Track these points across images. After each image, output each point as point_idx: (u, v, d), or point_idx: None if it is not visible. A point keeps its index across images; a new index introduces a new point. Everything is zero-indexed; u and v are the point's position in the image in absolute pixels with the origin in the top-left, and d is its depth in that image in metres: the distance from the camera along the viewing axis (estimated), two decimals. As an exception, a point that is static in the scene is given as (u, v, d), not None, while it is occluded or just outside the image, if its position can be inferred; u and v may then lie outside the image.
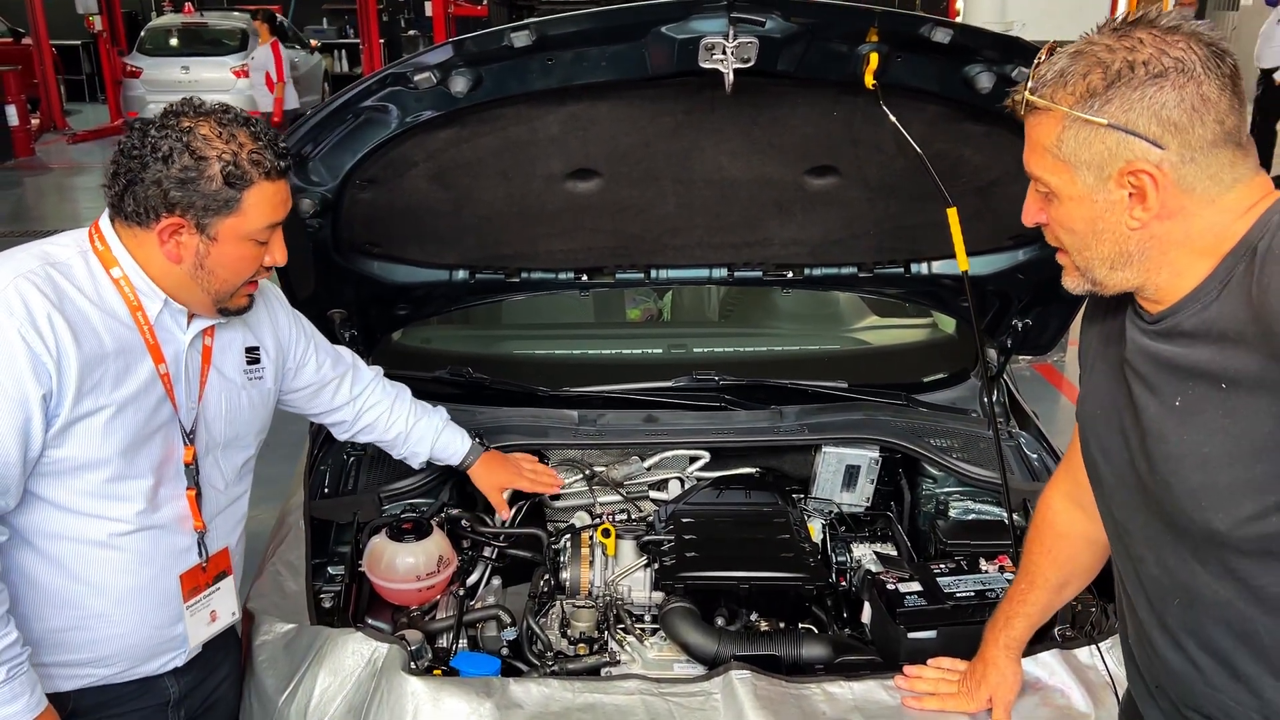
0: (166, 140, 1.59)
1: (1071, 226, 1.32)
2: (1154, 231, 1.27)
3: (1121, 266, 1.31)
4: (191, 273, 1.67)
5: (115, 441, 1.66)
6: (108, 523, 1.71)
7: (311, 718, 1.90)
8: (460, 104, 1.92)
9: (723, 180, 2.25)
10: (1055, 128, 1.27)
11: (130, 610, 1.77)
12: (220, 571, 1.90)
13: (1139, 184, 1.24)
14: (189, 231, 1.62)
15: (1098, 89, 1.22)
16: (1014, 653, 1.87)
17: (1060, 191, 1.30)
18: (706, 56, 1.80)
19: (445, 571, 2.26)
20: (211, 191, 1.59)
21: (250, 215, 1.64)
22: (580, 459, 2.68)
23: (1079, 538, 1.75)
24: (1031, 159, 1.33)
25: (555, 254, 2.49)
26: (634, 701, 1.88)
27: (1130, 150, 1.23)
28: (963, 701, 1.87)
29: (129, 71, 14.19)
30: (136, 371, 1.68)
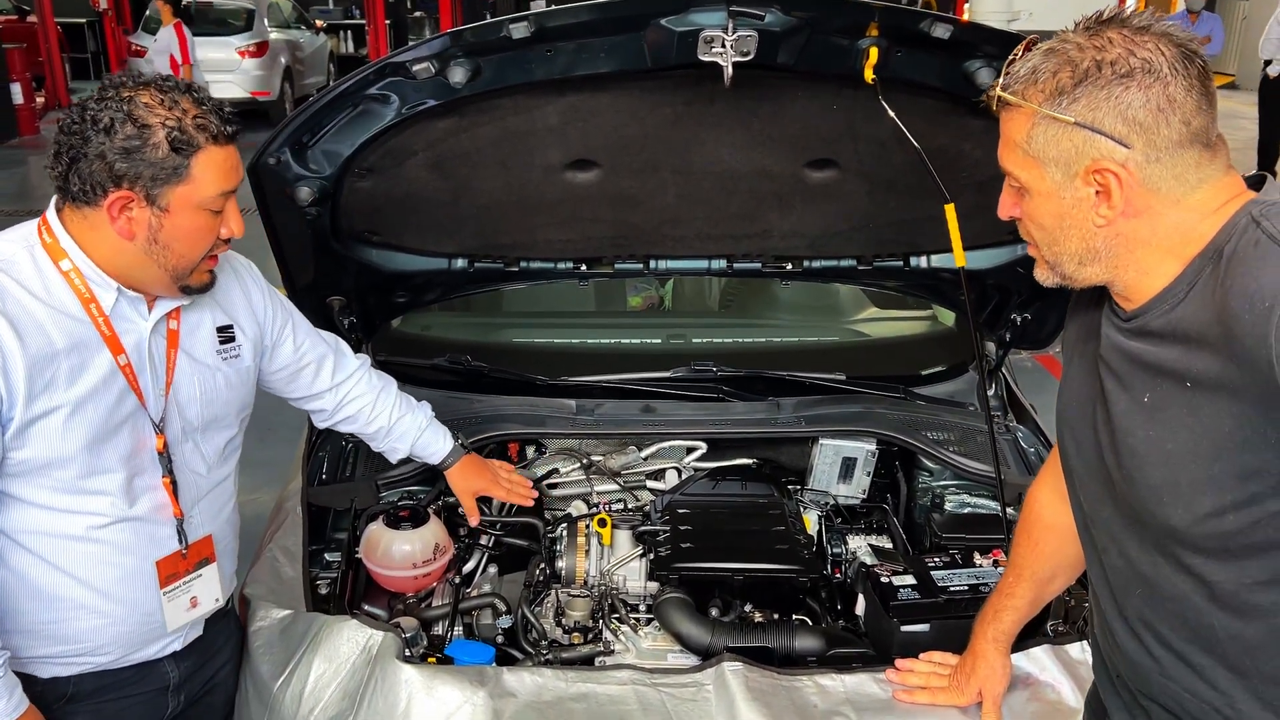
0: (107, 111, 1.54)
1: (1041, 222, 1.34)
2: (1120, 229, 1.29)
3: (1089, 262, 1.33)
4: (146, 249, 1.62)
5: (77, 439, 1.63)
6: (83, 517, 1.69)
7: (306, 704, 1.91)
8: (459, 94, 1.91)
9: (722, 172, 2.25)
10: (1025, 124, 1.29)
11: (117, 600, 1.76)
12: (203, 558, 1.88)
13: (1104, 182, 1.26)
14: (139, 204, 1.58)
15: (1066, 87, 1.24)
16: (1003, 646, 1.88)
17: (1030, 187, 1.33)
18: (706, 49, 1.80)
19: (441, 559, 2.27)
20: (158, 160, 1.55)
21: (201, 183, 1.59)
22: (578, 448, 2.68)
23: (1065, 530, 1.74)
24: (1004, 154, 1.35)
25: (554, 244, 2.49)
26: (626, 692, 1.89)
27: (1096, 149, 1.25)
28: (953, 695, 1.88)
29: (134, 50, 14.13)
30: (93, 366, 1.64)
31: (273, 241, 2.25)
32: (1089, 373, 1.46)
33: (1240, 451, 1.21)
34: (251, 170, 2.05)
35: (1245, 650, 1.31)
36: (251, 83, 13.89)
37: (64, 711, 1.78)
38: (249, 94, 13.85)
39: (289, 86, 14.74)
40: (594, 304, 3.64)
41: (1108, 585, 1.48)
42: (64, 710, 1.78)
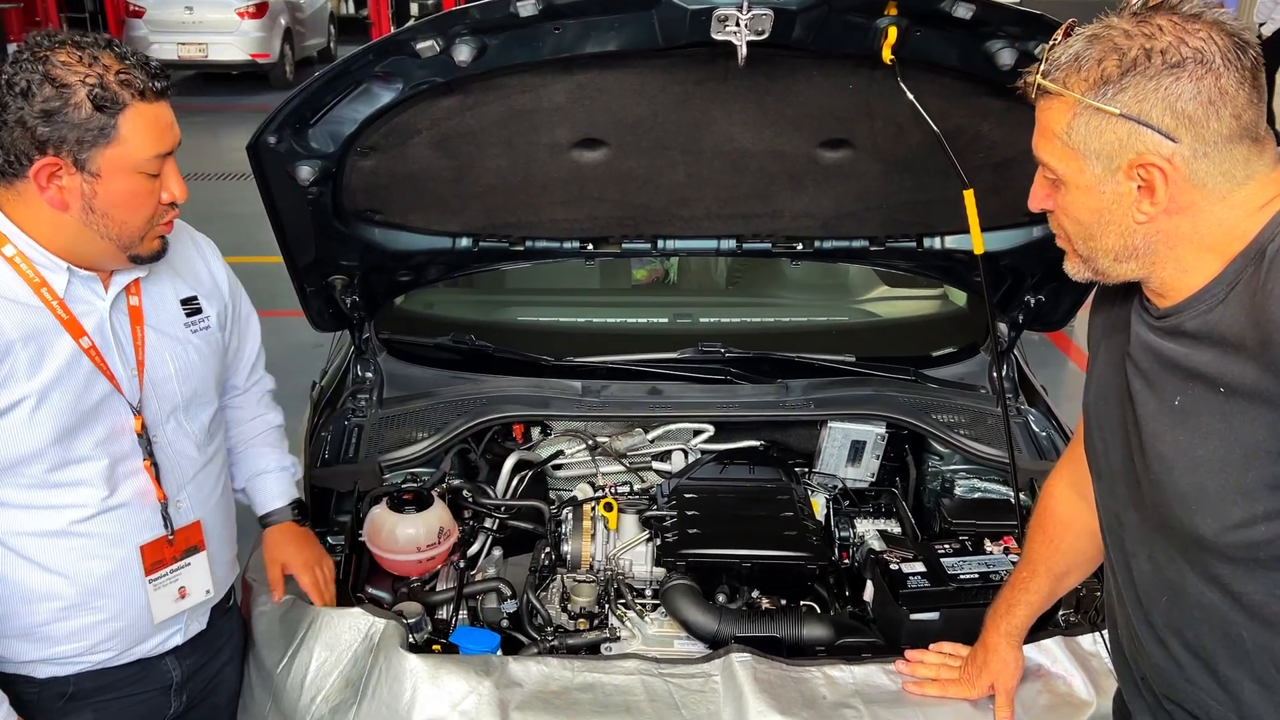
0: (22, 74, 1.43)
1: (1077, 216, 1.29)
2: (1161, 226, 1.24)
3: (1126, 259, 1.28)
4: (83, 219, 1.52)
5: (45, 431, 1.56)
6: (63, 511, 1.62)
7: (308, 692, 1.90)
8: (464, 72, 1.86)
9: (733, 151, 2.20)
10: (1066, 114, 1.23)
11: (110, 595, 1.70)
12: (191, 546, 1.80)
13: (1148, 177, 1.20)
14: (68, 171, 1.48)
15: (1112, 76, 1.18)
16: (1015, 640, 1.85)
17: (1067, 179, 1.27)
18: (719, 28, 1.75)
19: (446, 543, 2.25)
20: (81, 121, 1.44)
21: (131, 143, 1.49)
22: (583, 430, 2.65)
23: (1082, 527, 1.72)
24: (1040, 144, 1.29)
25: (560, 223, 2.44)
26: (633, 682, 1.87)
27: (1141, 142, 1.19)
28: (964, 688, 1.86)
29: (132, 11, 13.95)
30: (53, 353, 1.56)
31: (274, 221, 2.21)
32: (1116, 370, 1.41)
33: (1274, 462, 1.17)
34: (251, 149, 2.00)
35: (1274, 662, 1.29)
36: (251, 45, 13.73)
37: (64, 710, 1.73)
38: (248, 56, 13.71)
39: (289, 48, 14.57)
40: (599, 278, 3.59)
41: (1134, 589, 1.44)
42: (65, 709, 1.73)
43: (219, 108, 13.10)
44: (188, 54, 13.59)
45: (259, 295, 1.86)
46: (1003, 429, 2.57)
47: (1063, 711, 1.84)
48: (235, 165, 10.90)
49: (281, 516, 2.08)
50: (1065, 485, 1.76)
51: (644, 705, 1.83)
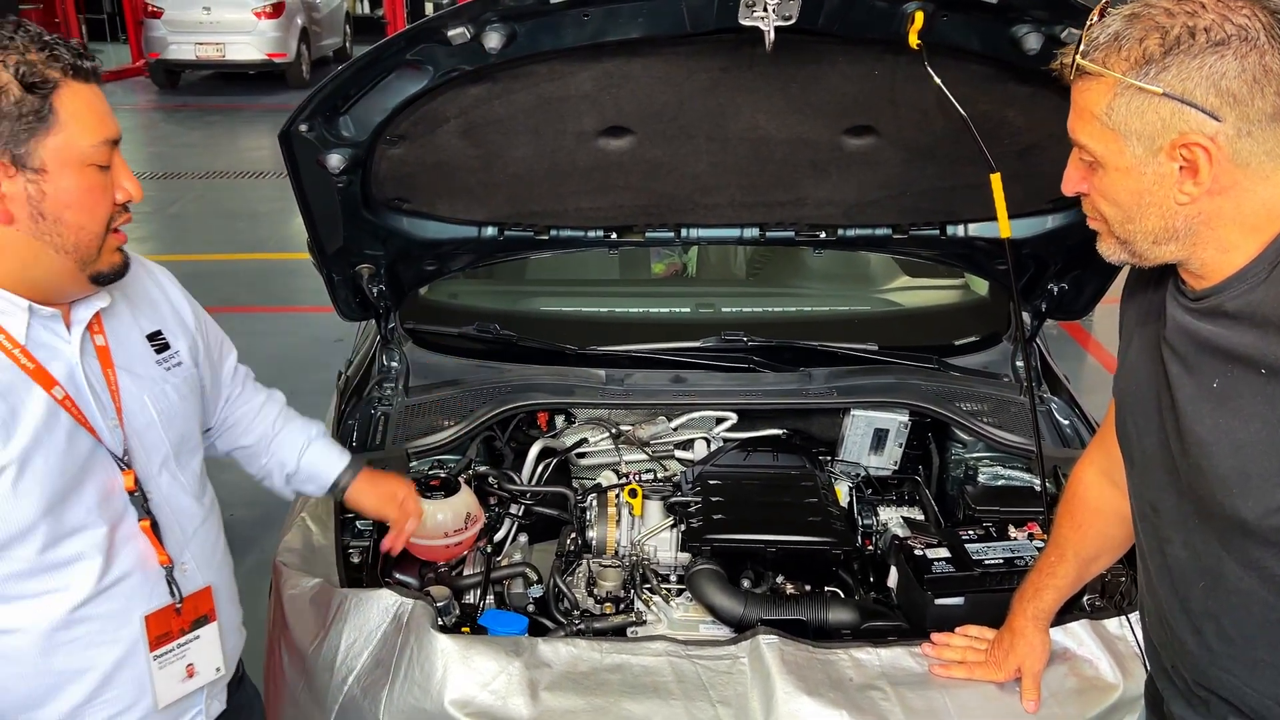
0: None
1: (1115, 198, 1.27)
2: (1203, 207, 1.22)
3: (1166, 241, 1.26)
4: (33, 229, 1.30)
5: (32, 503, 1.33)
6: (60, 596, 1.39)
7: (339, 673, 1.92)
8: (493, 60, 1.87)
9: (758, 139, 2.21)
10: (1106, 94, 1.21)
11: (123, 685, 1.48)
12: (201, 616, 1.57)
13: (1191, 157, 1.18)
14: (7, 173, 1.27)
15: (1154, 55, 1.16)
16: (1042, 624, 1.86)
17: (1106, 161, 1.25)
18: (747, 13, 1.75)
19: (473, 528, 2.27)
20: (11, 107, 1.24)
21: (72, 128, 1.29)
22: (607, 418, 2.67)
23: (1112, 513, 1.72)
24: (1078, 125, 1.27)
25: (585, 212, 2.46)
26: (661, 663, 1.89)
27: (1185, 121, 1.17)
28: (991, 670, 1.87)
29: (150, 11, 14.06)
30: (27, 410, 1.33)
31: (303, 210, 2.23)
32: (1151, 355, 1.40)
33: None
34: (283, 137, 2.02)
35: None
36: (268, 44, 13.83)
37: None
38: (265, 56, 13.81)
39: (305, 48, 14.67)
40: (618, 271, 3.61)
41: (1169, 576, 1.43)
42: None
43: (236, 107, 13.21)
44: (205, 54, 13.71)
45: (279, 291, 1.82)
46: (1027, 416, 2.59)
47: (1090, 695, 1.85)
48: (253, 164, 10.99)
49: (357, 467, 1.98)
50: (1095, 471, 1.76)
51: (672, 686, 1.84)
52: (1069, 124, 1.29)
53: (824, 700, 1.79)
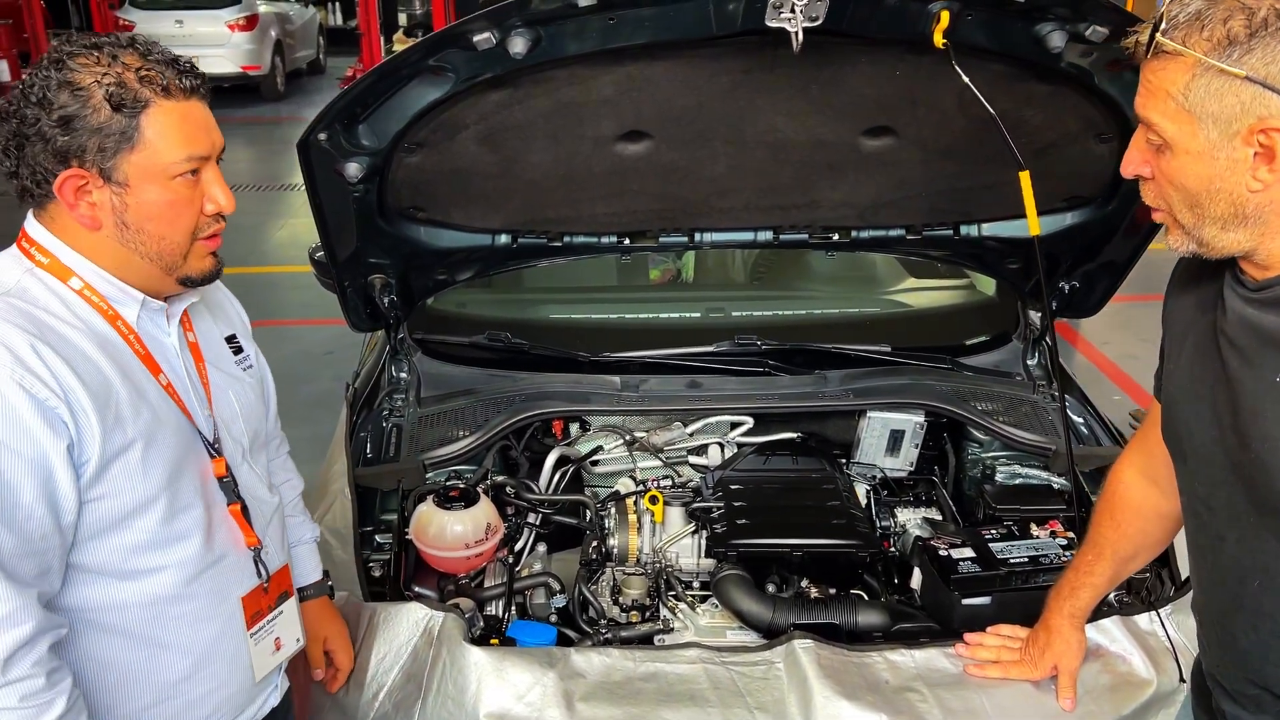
0: (37, 82, 1.31)
1: (1184, 183, 1.24)
2: (1275, 195, 1.20)
3: (1234, 228, 1.24)
4: (118, 236, 1.37)
5: (158, 474, 1.40)
6: (173, 571, 1.45)
7: (369, 689, 1.90)
8: (516, 65, 1.86)
9: (775, 141, 2.20)
10: (1184, 74, 1.18)
11: (219, 661, 1.55)
12: (282, 592, 1.67)
13: (1269, 143, 1.16)
14: (95, 184, 1.33)
15: (1239, 37, 1.13)
16: (1079, 622, 1.86)
17: (1177, 143, 1.22)
18: (774, 15, 1.75)
19: (493, 539, 2.25)
20: (100, 124, 1.30)
21: (158, 147, 1.34)
22: (621, 424, 2.65)
23: (1151, 512, 1.73)
24: (1150, 104, 1.23)
25: (599, 217, 2.45)
26: (696, 671, 1.87)
27: (1265, 107, 1.14)
28: (1026, 669, 1.87)
29: (121, 25, 13.93)
30: (147, 390, 1.41)
31: (319, 220, 2.20)
32: (1205, 351, 1.38)
33: None
34: (301, 146, 2.00)
35: None
36: (242, 57, 13.74)
37: None
38: (240, 68, 13.71)
39: (280, 60, 14.59)
40: (616, 277, 3.60)
41: (1223, 574, 1.43)
42: None
43: (212, 120, 13.08)
44: (179, 67, 13.56)
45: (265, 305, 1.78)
46: (1041, 415, 2.60)
47: (1124, 691, 1.85)
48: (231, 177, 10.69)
49: (319, 591, 1.93)
50: (1134, 471, 1.75)
51: (708, 694, 1.83)
52: (1138, 103, 1.26)
53: (863, 703, 1.78)
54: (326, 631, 1.91)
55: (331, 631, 1.92)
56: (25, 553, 1.28)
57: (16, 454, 1.26)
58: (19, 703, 1.26)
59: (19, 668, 1.26)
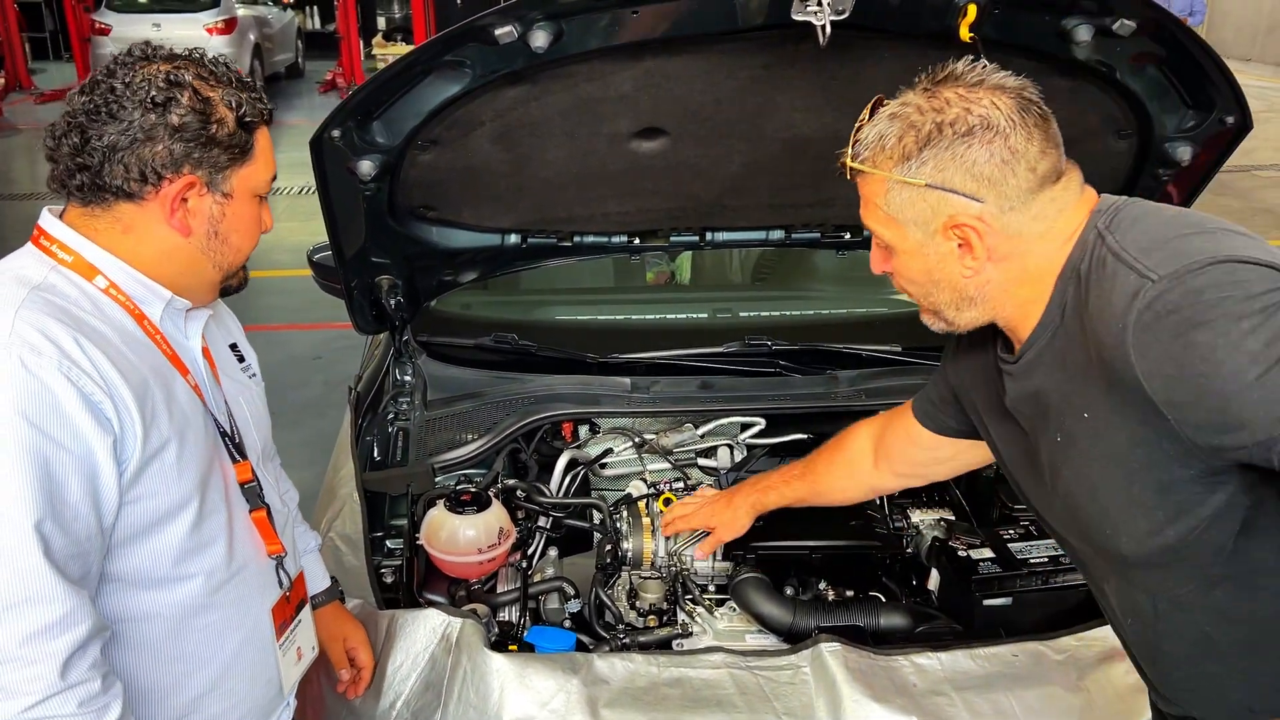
0: (154, 86, 1.30)
1: (911, 277, 1.37)
2: (989, 276, 1.31)
3: (966, 308, 1.36)
4: (204, 245, 1.39)
5: (191, 475, 1.37)
6: (202, 580, 1.42)
7: (386, 697, 1.86)
8: (536, 60, 1.82)
9: (792, 138, 2.18)
10: (881, 188, 1.32)
11: (239, 675, 1.51)
12: (301, 600, 1.66)
13: (964, 236, 1.28)
14: (199, 192, 1.35)
15: (912, 152, 1.27)
16: (755, 511, 2.14)
17: (895, 245, 1.35)
18: (800, 8, 1.72)
19: (505, 543, 2.21)
20: (225, 137, 1.34)
21: (259, 164, 1.41)
22: (630, 426, 2.62)
23: (859, 475, 2.01)
24: (866, 214, 1.38)
25: (611, 216, 2.41)
26: (721, 675, 1.84)
27: (950, 206, 1.27)
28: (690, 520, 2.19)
29: (97, 29, 13.80)
30: (177, 390, 1.39)
31: (328, 220, 2.16)
32: (1006, 424, 1.49)
33: (1147, 469, 1.22)
34: (314, 144, 1.95)
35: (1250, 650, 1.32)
36: (221, 61, 13.61)
37: None
38: (218, 72, 13.57)
39: (258, 64, 14.49)
40: (613, 279, 3.57)
41: (1117, 614, 1.48)
42: None
43: (190, 124, 12.95)
44: (156, 71, 13.42)
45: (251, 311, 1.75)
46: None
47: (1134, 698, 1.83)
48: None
49: (331, 595, 1.91)
50: (867, 438, 1.99)
51: (735, 699, 1.80)
52: (861, 214, 1.40)
53: (893, 707, 1.76)
54: (345, 631, 1.89)
55: (349, 631, 1.89)
56: (72, 553, 1.24)
57: (65, 449, 1.22)
58: (78, 708, 1.22)
59: (76, 671, 1.22)
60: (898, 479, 2.03)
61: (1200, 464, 1.18)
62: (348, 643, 1.87)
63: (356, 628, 1.90)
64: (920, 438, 1.86)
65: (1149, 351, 1.13)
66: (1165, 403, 1.14)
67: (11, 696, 1.18)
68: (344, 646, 1.87)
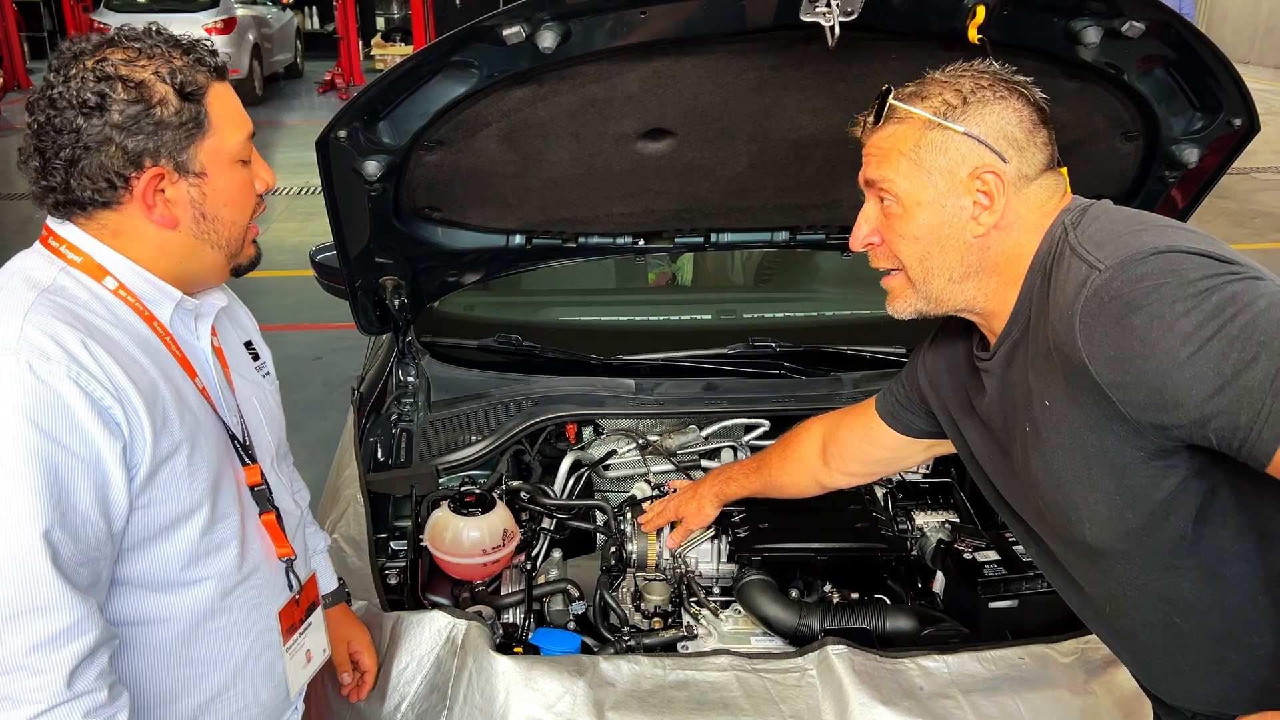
0: (85, 87, 1.24)
1: (916, 234, 1.38)
2: (991, 243, 1.35)
3: (961, 280, 1.38)
4: (195, 230, 1.35)
5: (203, 480, 1.35)
6: (212, 584, 1.39)
7: (392, 698, 1.86)
8: (544, 60, 1.82)
9: (798, 139, 2.17)
10: (914, 134, 1.36)
11: (249, 679, 1.49)
12: (311, 603, 1.63)
13: (985, 187, 1.33)
14: (171, 180, 1.30)
15: (954, 103, 1.34)
16: (719, 502, 2.21)
17: (909, 197, 1.36)
18: (809, 9, 1.72)
19: (510, 545, 2.20)
20: (172, 117, 1.27)
21: (223, 129, 1.33)
22: (634, 428, 2.61)
23: (809, 471, 2.06)
24: (883, 166, 1.39)
25: (616, 217, 2.41)
26: (728, 678, 1.84)
27: (980, 157, 1.33)
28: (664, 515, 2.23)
29: (96, 28, 13.70)
30: (186, 393, 1.36)
31: (333, 221, 2.15)
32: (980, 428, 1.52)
33: (1102, 454, 1.26)
34: (320, 144, 1.95)
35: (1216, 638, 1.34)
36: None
37: None
38: (217, 72, 13.56)
39: (258, 64, 14.47)
40: (614, 280, 3.56)
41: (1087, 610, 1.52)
42: None
43: (189, 124, 12.93)
44: (155, 71, 13.41)
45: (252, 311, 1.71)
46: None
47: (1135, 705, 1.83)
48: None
49: (338, 597, 1.90)
50: (818, 435, 2.03)
51: (741, 702, 1.79)
52: (865, 173, 1.43)
53: (899, 710, 1.75)
54: (350, 634, 1.87)
55: (355, 634, 1.88)
56: (82, 561, 1.22)
57: (74, 455, 1.20)
58: (83, 718, 1.20)
59: (83, 680, 1.21)
60: (847, 478, 2.07)
61: (1149, 445, 1.22)
62: (351, 646, 1.86)
63: (361, 631, 1.89)
64: (881, 438, 1.90)
65: (1093, 335, 1.19)
66: (1109, 384, 1.19)
67: (17, 706, 1.16)
68: (348, 650, 1.86)
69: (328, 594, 1.86)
